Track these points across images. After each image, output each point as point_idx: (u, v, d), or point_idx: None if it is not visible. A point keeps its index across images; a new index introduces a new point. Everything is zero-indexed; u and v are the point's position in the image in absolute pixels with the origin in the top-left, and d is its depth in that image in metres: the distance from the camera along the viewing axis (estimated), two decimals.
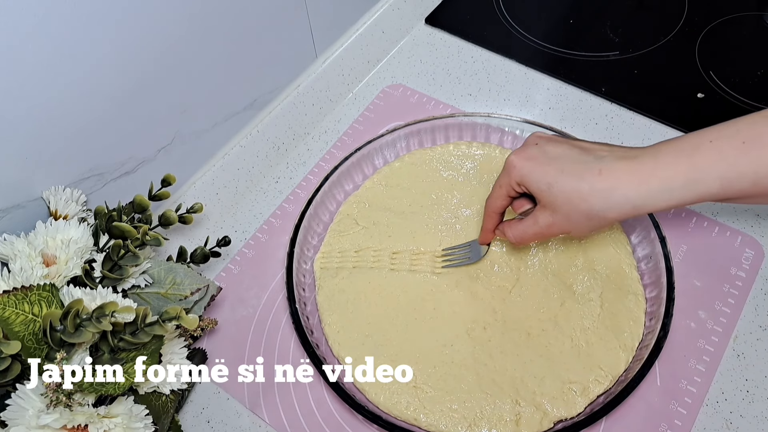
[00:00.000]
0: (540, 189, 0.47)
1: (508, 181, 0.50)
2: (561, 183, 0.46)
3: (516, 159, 0.48)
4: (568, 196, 0.45)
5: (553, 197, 0.46)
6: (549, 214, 0.48)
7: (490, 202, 0.54)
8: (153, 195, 0.55)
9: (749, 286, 0.62)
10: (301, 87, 0.74)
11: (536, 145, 0.49)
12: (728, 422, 0.55)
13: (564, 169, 0.46)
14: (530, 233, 0.50)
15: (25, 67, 0.46)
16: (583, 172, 0.45)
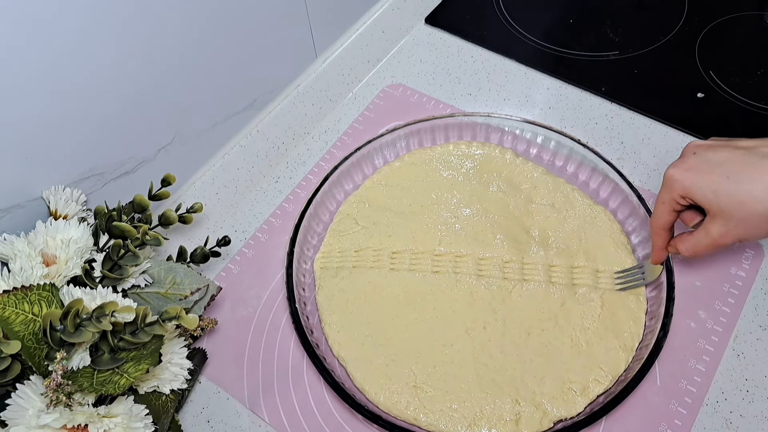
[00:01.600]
0: (707, 198, 0.45)
1: (670, 196, 0.48)
2: (729, 188, 0.43)
3: (675, 172, 0.47)
4: (740, 200, 0.43)
5: (722, 205, 0.44)
6: (722, 223, 0.46)
7: (656, 220, 0.52)
8: (153, 195, 0.55)
9: (749, 285, 0.62)
10: (301, 87, 0.74)
11: (694, 154, 0.47)
12: (728, 422, 0.55)
13: (730, 174, 0.44)
14: (703, 245, 0.48)
15: (25, 67, 0.46)
16: (752, 173, 0.43)
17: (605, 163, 0.65)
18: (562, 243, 0.64)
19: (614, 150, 0.73)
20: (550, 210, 0.66)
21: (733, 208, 0.44)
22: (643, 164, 0.72)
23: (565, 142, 0.68)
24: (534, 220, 0.66)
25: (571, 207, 0.66)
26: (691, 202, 0.48)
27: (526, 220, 0.66)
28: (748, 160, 0.44)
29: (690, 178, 0.46)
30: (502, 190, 0.68)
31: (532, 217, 0.66)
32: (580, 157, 0.68)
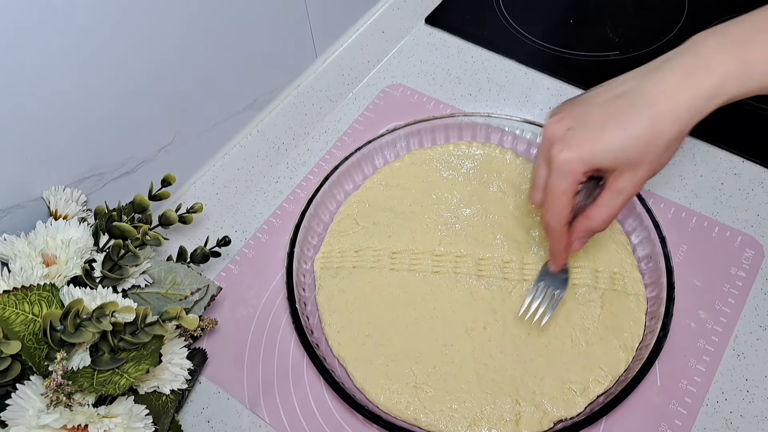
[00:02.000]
0: (614, 158, 0.42)
1: (572, 180, 0.43)
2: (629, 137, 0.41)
3: (569, 154, 0.42)
4: (644, 141, 0.41)
5: (629, 154, 0.42)
6: (630, 175, 0.43)
7: (559, 216, 0.46)
8: (153, 195, 0.55)
9: (749, 285, 0.62)
10: (301, 87, 0.74)
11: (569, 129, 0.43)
12: (728, 422, 0.55)
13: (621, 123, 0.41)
14: (618, 205, 0.45)
15: (25, 67, 0.46)
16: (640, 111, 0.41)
17: None
18: None
19: None
20: None
21: (639, 154, 0.42)
22: None
23: None
24: (534, 221, 0.66)
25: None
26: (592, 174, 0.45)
27: (526, 220, 0.66)
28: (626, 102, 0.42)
29: (589, 150, 0.42)
30: (502, 190, 0.68)
31: (532, 217, 0.66)
32: None
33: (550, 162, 0.44)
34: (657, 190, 0.69)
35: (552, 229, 0.47)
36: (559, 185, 0.44)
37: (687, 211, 0.67)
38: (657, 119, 0.40)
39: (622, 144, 0.41)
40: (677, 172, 0.70)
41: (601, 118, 0.42)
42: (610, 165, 0.42)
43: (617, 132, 0.41)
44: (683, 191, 0.69)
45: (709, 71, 0.39)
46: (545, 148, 0.45)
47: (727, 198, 0.68)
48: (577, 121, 0.43)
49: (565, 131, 0.43)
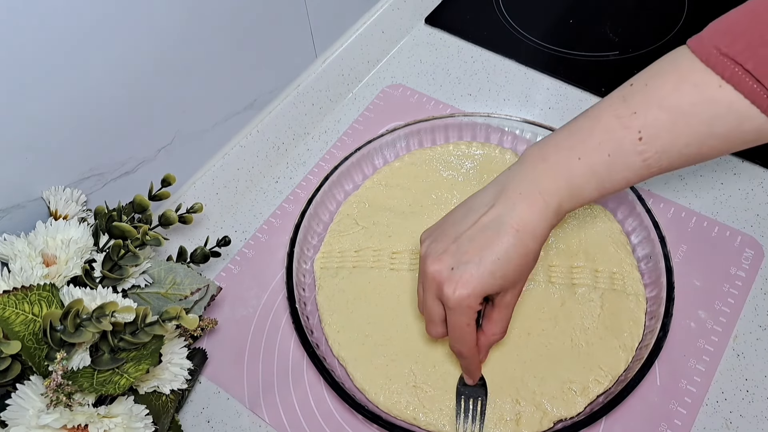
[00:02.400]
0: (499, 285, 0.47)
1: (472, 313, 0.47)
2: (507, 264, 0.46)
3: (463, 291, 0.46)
4: (518, 264, 0.46)
5: (510, 278, 0.47)
6: (512, 292, 0.49)
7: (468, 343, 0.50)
8: (153, 195, 0.55)
9: (749, 285, 0.62)
10: (301, 87, 0.74)
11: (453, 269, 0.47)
12: (728, 422, 0.55)
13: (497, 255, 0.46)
14: (509, 316, 0.50)
15: (25, 66, 0.46)
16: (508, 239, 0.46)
17: None
18: (561, 243, 0.64)
19: None
20: None
21: (517, 274, 0.47)
22: None
23: None
24: None
25: None
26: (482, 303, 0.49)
27: None
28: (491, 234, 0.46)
29: (479, 285, 0.46)
30: None
31: None
32: None
33: (446, 301, 0.47)
34: (657, 190, 0.69)
35: (464, 354, 0.51)
36: (462, 320, 0.48)
37: (687, 211, 0.67)
38: (523, 243, 0.46)
39: (503, 272, 0.46)
40: (677, 171, 0.70)
41: (477, 252, 0.46)
42: (498, 290, 0.47)
43: (496, 262, 0.46)
44: (683, 191, 0.69)
45: (547, 199, 0.46)
46: (434, 288, 0.48)
47: (726, 198, 0.68)
48: (455, 259, 0.47)
49: (450, 270, 0.47)
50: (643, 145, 0.44)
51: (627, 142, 0.44)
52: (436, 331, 0.51)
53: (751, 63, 0.40)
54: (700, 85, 0.42)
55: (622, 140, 0.44)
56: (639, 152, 0.44)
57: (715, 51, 0.42)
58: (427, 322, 0.51)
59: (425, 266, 0.49)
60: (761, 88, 0.40)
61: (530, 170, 0.47)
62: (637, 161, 0.44)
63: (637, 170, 0.45)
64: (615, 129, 0.44)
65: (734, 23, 0.43)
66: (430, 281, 0.48)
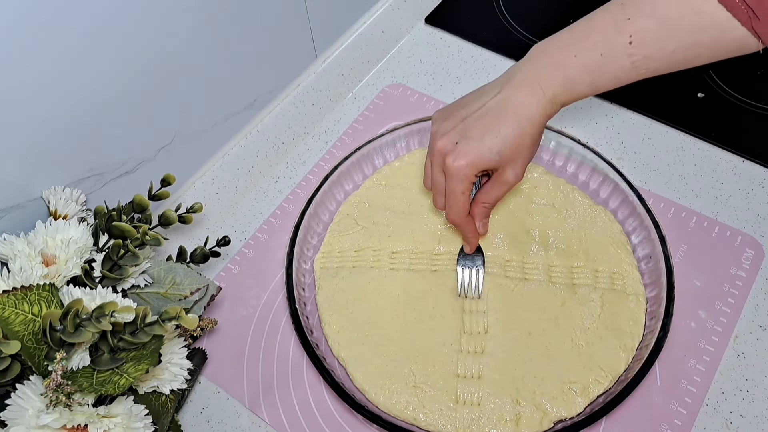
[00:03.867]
0: (495, 161, 0.52)
1: (467, 183, 0.53)
2: (504, 143, 0.51)
3: (461, 162, 0.52)
4: (514, 144, 0.51)
5: (506, 156, 0.52)
6: (511, 168, 0.53)
7: (463, 211, 0.55)
8: (153, 195, 0.55)
9: (749, 285, 0.62)
10: (301, 87, 0.74)
11: (457, 144, 0.52)
12: (728, 422, 0.55)
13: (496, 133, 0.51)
14: (504, 190, 0.55)
15: (25, 66, 0.46)
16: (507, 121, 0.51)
17: (605, 163, 0.65)
18: (562, 243, 0.64)
19: (614, 150, 0.73)
20: (550, 210, 0.66)
21: (513, 152, 0.52)
22: (643, 164, 0.72)
23: (565, 142, 0.68)
24: (534, 220, 0.66)
25: (571, 207, 0.66)
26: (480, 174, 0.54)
27: (526, 220, 0.66)
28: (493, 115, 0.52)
29: (476, 157, 0.52)
30: None
31: (532, 217, 0.66)
32: (580, 157, 0.68)
33: (446, 170, 0.53)
34: (657, 190, 0.69)
35: (459, 224, 0.57)
36: (457, 187, 0.53)
37: (687, 210, 0.67)
38: (520, 125, 0.51)
39: (499, 148, 0.51)
40: (677, 172, 0.70)
41: (479, 130, 0.52)
42: (494, 165, 0.53)
43: (494, 139, 0.51)
44: (683, 191, 0.69)
45: (545, 89, 0.51)
46: (439, 159, 0.54)
47: (727, 198, 0.68)
48: (460, 135, 0.52)
49: (454, 145, 0.53)
50: (633, 49, 0.48)
51: (619, 45, 0.48)
52: (440, 202, 0.57)
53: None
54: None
55: (615, 43, 0.48)
56: (629, 55, 0.48)
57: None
58: (434, 195, 0.57)
59: (434, 142, 0.54)
60: (742, 2, 0.44)
61: (533, 64, 0.52)
62: (626, 63, 0.49)
63: (627, 70, 0.49)
64: (609, 32, 0.49)
65: None
66: (436, 155, 0.54)
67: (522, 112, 0.51)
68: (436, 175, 0.55)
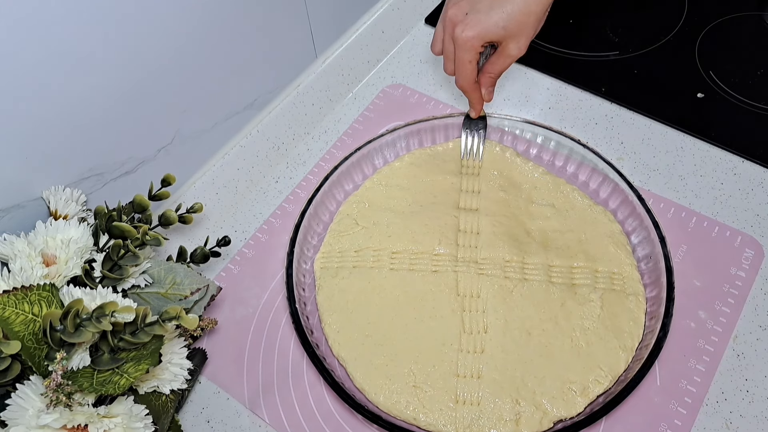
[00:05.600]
0: (500, 35, 0.56)
1: (474, 52, 0.57)
2: (510, 18, 0.55)
3: (469, 33, 0.56)
4: (520, 21, 0.55)
5: (511, 30, 0.55)
6: (514, 43, 0.57)
7: (468, 78, 0.60)
8: (153, 195, 0.55)
9: (749, 285, 0.62)
10: (301, 87, 0.74)
11: (467, 14, 0.56)
12: (728, 422, 0.55)
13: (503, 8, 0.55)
14: (509, 63, 0.60)
15: (25, 66, 0.46)
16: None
17: (605, 163, 0.65)
18: (562, 243, 0.64)
19: (614, 150, 0.73)
20: (550, 210, 0.66)
21: (518, 29, 0.56)
22: (643, 164, 0.72)
23: (565, 142, 0.68)
24: (534, 220, 0.66)
25: (571, 207, 0.66)
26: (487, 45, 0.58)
27: (526, 220, 0.66)
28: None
29: (483, 30, 0.56)
30: (503, 190, 0.68)
31: (532, 217, 0.66)
32: (580, 157, 0.68)
33: (455, 40, 0.57)
34: (657, 190, 0.69)
35: (466, 89, 0.62)
36: (465, 56, 0.58)
37: (687, 211, 0.67)
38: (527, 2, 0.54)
39: (505, 23, 0.55)
40: (677, 172, 0.71)
41: (489, 4, 0.56)
42: (499, 38, 0.57)
43: (501, 13, 0.55)
44: (683, 191, 0.69)
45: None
46: (450, 28, 0.58)
47: (727, 198, 0.68)
48: (471, 7, 0.56)
49: (464, 15, 0.56)
50: None
51: None
52: (449, 68, 0.61)
53: None
54: None
55: None
56: None
57: None
58: (444, 60, 0.61)
59: (446, 9, 0.58)
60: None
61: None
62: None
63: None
64: None
65: None
66: (447, 22, 0.58)
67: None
68: (446, 43, 0.59)
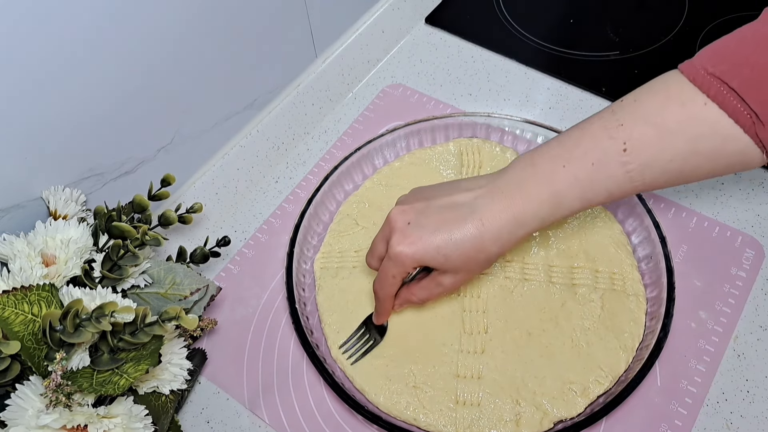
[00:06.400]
0: (439, 262, 0.49)
1: (402, 270, 0.50)
2: (455, 249, 0.48)
3: (404, 248, 0.49)
4: (467, 255, 0.48)
5: (452, 263, 0.49)
6: (451, 276, 0.50)
7: (386, 290, 0.53)
8: (153, 195, 0.55)
9: (749, 286, 0.62)
10: (301, 87, 0.74)
11: (409, 224, 0.49)
12: (728, 422, 0.55)
13: (452, 235, 0.48)
14: (436, 293, 0.53)
15: (25, 66, 0.46)
16: (469, 227, 0.47)
17: None
18: (562, 243, 0.64)
19: None
20: None
21: (462, 262, 0.49)
22: None
23: None
24: None
25: None
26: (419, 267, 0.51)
27: None
28: (458, 214, 0.48)
29: (420, 250, 0.48)
30: None
31: None
32: None
33: (388, 249, 0.50)
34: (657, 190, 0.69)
35: (379, 297, 0.55)
36: (390, 270, 0.51)
37: (687, 211, 0.67)
38: (481, 237, 0.47)
39: (447, 251, 0.48)
40: None
41: (435, 222, 0.48)
42: (436, 266, 0.50)
43: (446, 239, 0.48)
44: (684, 191, 0.69)
45: (527, 201, 0.47)
46: (387, 231, 0.51)
47: (727, 198, 0.68)
48: (416, 218, 0.49)
49: (405, 225, 0.49)
50: (627, 156, 0.44)
51: (612, 152, 0.44)
52: (372, 264, 0.54)
53: (736, 82, 0.41)
54: (686, 104, 0.43)
55: (608, 150, 0.45)
56: (623, 163, 0.44)
57: (702, 71, 0.43)
58: (369, 252, 0.54)
59: (392, 210, 0.51)
60: (744, 107, 0.41)
61: (518, 172, 0.48)
62: (620, 172, 0.45)
63: (620, 182, 0.45)
64: (601, 138, 0.45)
65: (723, 47, 0.44)
66: (386, 223, 0.51)
67: (490, 225, 0.47)
68: (378, 241, 0.53)
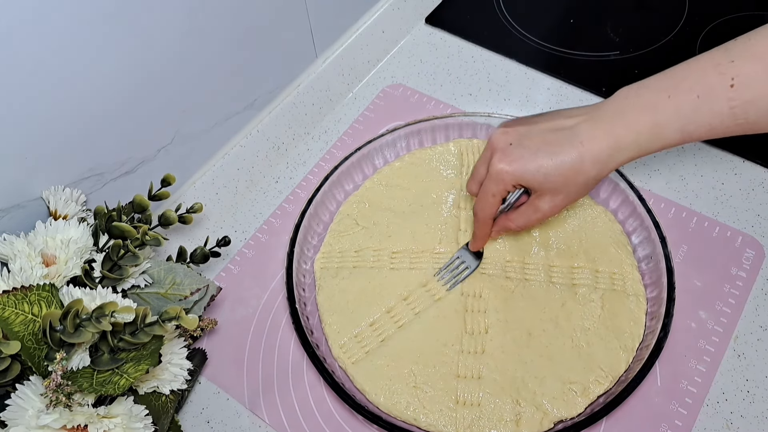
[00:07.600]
0: (538, 181, 0.50)
1: (503, 188, 0.51)
2: (555, 169, 0.49)
3: (505, 166, 0.50)
4: (565, 176, 0.49)
5: (551, 183, 0.49)
6: (549, 199, 0.51)
7: (485, 211, 0.55)
8: (153, 195, 0.55)
9: (750, 286, 0.62)
10: (301, 87, 0.74)
11: (510, 145, 0.50)
12: (729, 422, 0.55)
13: (552, 155, 0.48)
14: (534, 219, 0.53)
15: (25, 66, 0.46)
16: (569, 149, 0.48)
17: None
18: (562, 243, 0.64)
19: None
20: None
21: (561, 183, 0.49)
22: (643, 164, 0.71)
23: None
24: None
25: (572, 207, 0.66)
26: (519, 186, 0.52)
27: None
28: (561, 137, 0.49)
29: (520, 168, 0.50)
30: None
31: None
32: None
33: (489, 167, 0.51)
34: (657, 190, 0.69)
35: (478, 219, 0.56)
36: (491, 188, 0.52)
37: (687, 211, 0.67)
38: (581, 158, 0.48)
39: (547, 171, 0.49)
40: (678, 172, 0.70)
41: (537, 143, 0.49)
42: (535, 186, 0.50)
43: (546, 159, 0.49)
44: (684, 191, 0.69)
45: (628, 128, 0.47)
46: (488, 153, 0.52)
47: (727, 198, 0.68)
48: (518, 139, 0.50)
49: (507, 145, 0.51)
50: (734, 92, 0.44)
51: (718, 88, 0.44)
52: (472, 188, 0.56)
53: None
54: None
55: (714, 85, 0.44)
56: (729, 99, 0.44)
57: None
58: (470, 177, 0.56)
59: (493, 133, 0.53)
60: None
61: (620, 101, 0.48)
62: (725, 108, 0.44)
63: (724, 118, 0.45)
64: (709, 74, 0.45)
65: None
66: (488, 146, 0.53)
67: (591, 148, 0.47)
68: (479, 163, 0.54)
